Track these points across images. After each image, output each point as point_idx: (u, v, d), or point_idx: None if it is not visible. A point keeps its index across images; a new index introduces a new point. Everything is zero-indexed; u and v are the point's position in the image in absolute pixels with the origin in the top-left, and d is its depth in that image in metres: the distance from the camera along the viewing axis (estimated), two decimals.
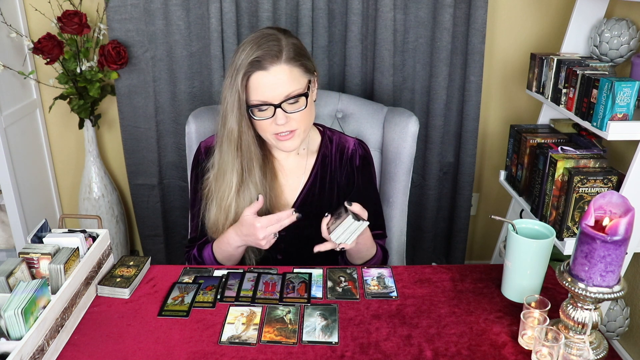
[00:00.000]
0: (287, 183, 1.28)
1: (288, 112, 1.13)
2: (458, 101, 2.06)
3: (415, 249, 2.27)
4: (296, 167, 1.29)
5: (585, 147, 1.67)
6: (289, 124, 1.14)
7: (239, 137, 1.15)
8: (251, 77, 1.11)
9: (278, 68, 1.10)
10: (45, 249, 0.99)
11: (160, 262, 2.19)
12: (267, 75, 1.10)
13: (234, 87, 1.11)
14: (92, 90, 1.90)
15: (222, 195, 1.20)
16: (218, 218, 1.22)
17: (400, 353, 0.92)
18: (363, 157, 1.31)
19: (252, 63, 1.10)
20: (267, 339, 0.95)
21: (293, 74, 1.12)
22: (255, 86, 1.11)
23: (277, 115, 1.12)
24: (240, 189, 1.19)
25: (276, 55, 1.10)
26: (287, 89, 1.11)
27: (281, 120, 1.12)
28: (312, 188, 1.29)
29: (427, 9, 1.93)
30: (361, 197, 1.31)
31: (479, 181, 2.33)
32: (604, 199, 0.86)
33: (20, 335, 0.83)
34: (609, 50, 1.75)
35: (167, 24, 1.90)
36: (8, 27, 1.84)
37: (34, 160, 2.08)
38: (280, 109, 1.12)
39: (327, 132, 1.33)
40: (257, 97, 1.12)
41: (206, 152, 1.27)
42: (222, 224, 1.22)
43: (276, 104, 1.12)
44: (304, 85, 1.15)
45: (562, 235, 1.59)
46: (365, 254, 1.25)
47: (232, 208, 1.20)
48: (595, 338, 0.92)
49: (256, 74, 1.10)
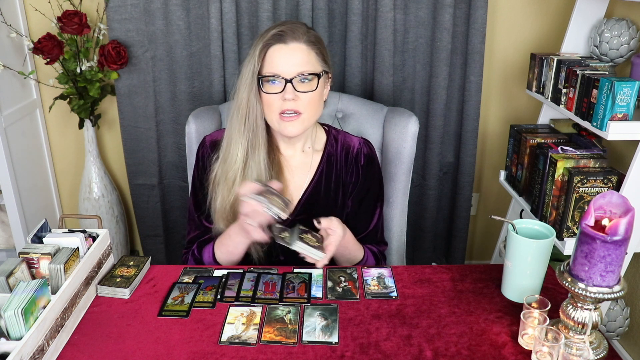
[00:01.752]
0: (292, 180, 1.29)
1: (298, 91, 1.15)
2: (458, 101, 2.06)
3: (415, 249, 2.27)
4: (302, 164, 1.29)
5: (585, 147, 1.67)
6: (296, 103, 1.15)
7: (247, 108, 1.17)
8: (270, 48, 1.15)
9: (297, 45, 1.15)
10: (45, 249, 0.99)
11: (160, 262, 2.19)
12: (286, 48, 1.14)
13: (251, 58, 1.15)
14: (92, 90, 1.90)
15: (227, 169, 1.20)
16: (224, 197, 1.21)
17: (400, 353, 0.92)
18: (368, 155, 1.31)
19: (274, 36, 1.14)
20: (267, 339, 0.95)
21: (310, 55, 1.16)
22: (271, 58, 1.15)
23: (286, 89, 1.14)
24: (245, 166, 1.20)
25: (299, 35, 1.16)
26: (301, 67, 1.15)
27: (290, 95, 1.14)
28: (318, 186, 1.29)
29: (427, 9, 1.93)
30: (363, 196, 1.31)
31: (479, 181, 2.33)
32: (604, 199, 0.86)
33: (20, 335, 0.83)
34: (609, 50, 1.75)
35: (167, 24, 1.90)
36: (8, 27, 1.84)
37: (34, 160, 2.08)
38: (290, 84, 1.14)
39: (333, 132, 1.33)
40: (271, 69, 1.15)
41: (211, 146, 1.27)
42: (227, 202, 1.21)
43: (288, 78, 1.14)
44: (319, 70, 1.18)
45: (562, 235, 1.59)
46: (350, 258, 1.26)
47: (235, 184, 1.20)
48: (595, 338, 0.92)
49: (275, 46, 1.14)
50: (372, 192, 1.33)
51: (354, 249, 1.25)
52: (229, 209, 1.21)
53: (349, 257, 1.26)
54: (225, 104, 1.61)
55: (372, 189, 1.33)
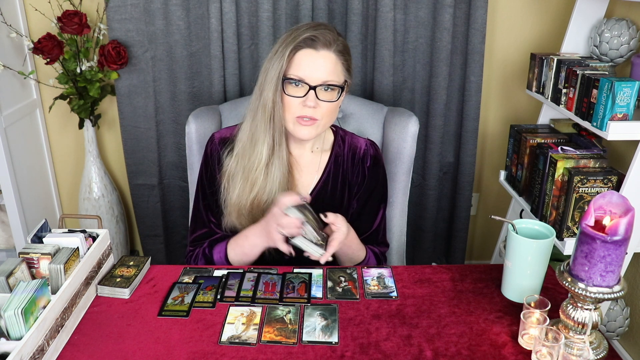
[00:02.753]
0: (300, 179, 1.29)
1: (319, 99, 1.15)
2: (458, 101, 2.06)
3: (415, 249, 2.27)
4: (310, 164, 1.30)
5: (585, 147, 1.67)
6: (316, 110, 1.15)
7: (273, 107, 1.16)
8: (299, 51, 1.14)
9: (327, 54, 1.15)
10: (45, 249, 0.99)
11: (160, 262, 2.19)
12: (316, 54, 1.14)
13: (279, 58, 1.14)
14: (92, 90, 1.90)
15: (250, 167, 1.20)
16: (242, 192, 1.21)
17: (400, 353, 0.92)
18: (374, 157, 1.32)
19: (306, 40, 1.14)
20: (267, 339, 0.95)
21: (337, 66, 1.16)
22: (299, 61, 1.14)
23: (308, 96, 1.14)
24: (269, 163, 1.20)
25: (330, 42, 1.15)
26: (327, 76, 1.15)
27: (311, 102, 1.14)
28: (325, 186, 1.29)
29: (427, 9, 1.93)
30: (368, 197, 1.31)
31: (479, 181, 2.33)
32: (604, 199, 0.86)
33: (20, 335, 0.83)
34: (609, 50, 1.75)
35: (167, 24, 1.90)
36: (8, 27, 1.84)
37: (34, 160, 2.08)
38: (313, 92, 1.14)
39: (340, 132, 1.34)
40: (297, 73, 1.14)
41: (221, 143, 1.27)
42: (246, 198, 1.21)
43: (313, 85, 1.14)
44: (342, 81, 1.18)
45: (562, 235, 1.59)
46: (352, 257, 1.26)
47: (258, 181, 1.20)
48: (595, 338, 0.92)
49: (305, 50, 1.14)
50: (377, 193, 1.33)
51: (356, 248, 1.25)
52: (248, 205, 1.21)
53: (352, 257, 1.26)
54: (225, 104, 1.61)
55: (376, 190, 1.33)
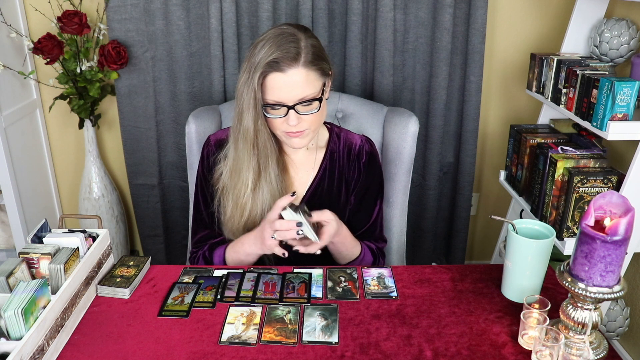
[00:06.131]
0: (297, 177, 1.30)
1: (300, 114, 1.14)
2: (458, 101, 2.06)
3: (415, 249, 2.27)
4: (306, 161, 1.30)
5: (585, 147, 1.67)
6: (300, 124, 1.15)
7: (255, 135, 1.16)
8: (267, 77, 1.11)
9: (295, 71, 1.10)
10: (45, 249, 0.99)
11: (160, 262, 2.19)
12: (284, 77, 1.10)
13: (251, 86, 1.11)
14: (92, 90, 1.90)
15: (238, 194, 1.21)
16: (234, 215, 1.23)
17: (400, 353, 0.92)
18: (369, 153, 1.32)
19: (269, 64, 1.09)
20: (267, 339, 0.95)
21: (309, 77, 1.12)
22: (271, 86, 1.12)
23: (289, 115, 1.13)
24: (256, 187, 1.20)
25: (294, 57, 1.10)
26: (302, 92, 1.12)
27: (293, 121, 1.13)
28: (321, 182, 1.30)
29: (427, 9, 1.93)
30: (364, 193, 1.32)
31: (479, 181, 2.33)
32: (604, 199, 0.86)
33: (20, 335, 0.83)
34: (609, 50, 1.75)
35: (167, 24, 1.90)
36: (8, 27, 1.84)
37: (34, 160, 2.08)
38: (293, 110, 1.13)
39: (335, 129, 1.34)
40: (272, 97, 1.12)
41: (217, 145, 1.27)
42: (237, 221, 1.23)
43: (290, 105, 1.13)
44: (319, 89, 1.15)
45: (562, 235, 1.59)
46: (346, 254, 1.26)
47: (247, 206, 1.21)
48: (595, 338, 0.92)
49: (273, 74, 1.11)
50: (373, 189, 1.34)
51: (351, 245, 1.25)
52: (241, 228, 1.23)
53: (346, 253, 1.26)
54: (225, 104, 1.61)
55: (372, 186, 1.33)
